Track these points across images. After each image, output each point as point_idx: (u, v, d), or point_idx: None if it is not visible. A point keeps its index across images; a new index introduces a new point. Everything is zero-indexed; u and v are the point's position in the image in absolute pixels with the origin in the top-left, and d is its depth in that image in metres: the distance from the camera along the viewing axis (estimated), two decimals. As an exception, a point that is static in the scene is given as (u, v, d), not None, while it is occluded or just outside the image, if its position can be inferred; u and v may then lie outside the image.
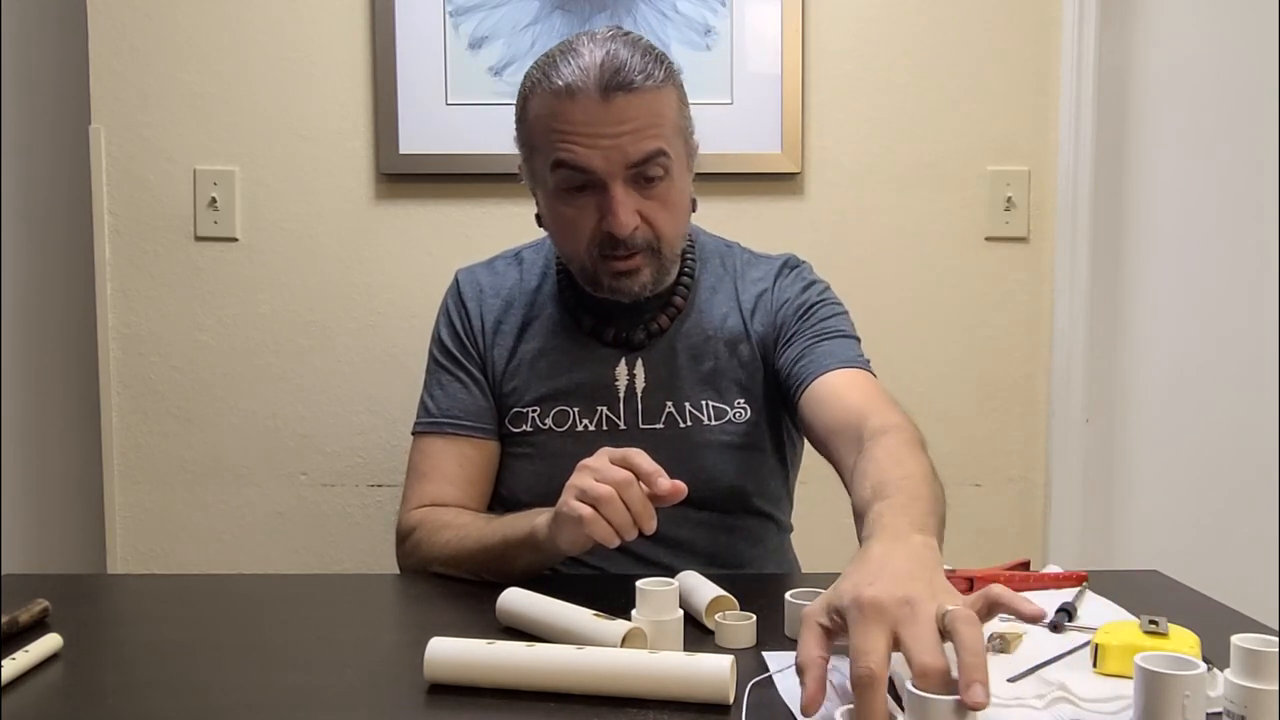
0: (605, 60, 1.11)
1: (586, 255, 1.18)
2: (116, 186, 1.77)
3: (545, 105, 1.14)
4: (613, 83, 1.11)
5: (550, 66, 1.14)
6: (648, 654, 0.82)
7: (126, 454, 1.80)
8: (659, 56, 1.16)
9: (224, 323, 1.79)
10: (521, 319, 1.29)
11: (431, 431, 1.28)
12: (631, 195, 1.14)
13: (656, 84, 1.13)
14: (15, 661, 0.85)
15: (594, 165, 1.13)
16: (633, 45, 1.14)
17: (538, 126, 1.16)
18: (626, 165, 1.13)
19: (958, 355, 1.81)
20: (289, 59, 1.76)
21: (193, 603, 1.09)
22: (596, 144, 1.12)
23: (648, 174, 1.14)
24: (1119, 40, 1.79)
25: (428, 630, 0.86)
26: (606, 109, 1.11)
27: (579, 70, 1.12)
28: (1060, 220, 1.78)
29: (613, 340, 1.25)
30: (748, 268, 1.32)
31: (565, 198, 1.16)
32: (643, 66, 1.12)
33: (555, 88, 1.13)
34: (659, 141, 1.14)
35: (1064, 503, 1.81)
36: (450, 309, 1.32)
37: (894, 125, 1.78)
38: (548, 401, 1.25)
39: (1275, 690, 0.70)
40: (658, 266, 1.19)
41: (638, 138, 1.12)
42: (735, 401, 1.25)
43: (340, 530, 1.81)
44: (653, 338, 1.25)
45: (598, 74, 1.11)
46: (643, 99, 1.12)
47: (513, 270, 1.33)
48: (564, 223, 1.18)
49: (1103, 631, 0.87)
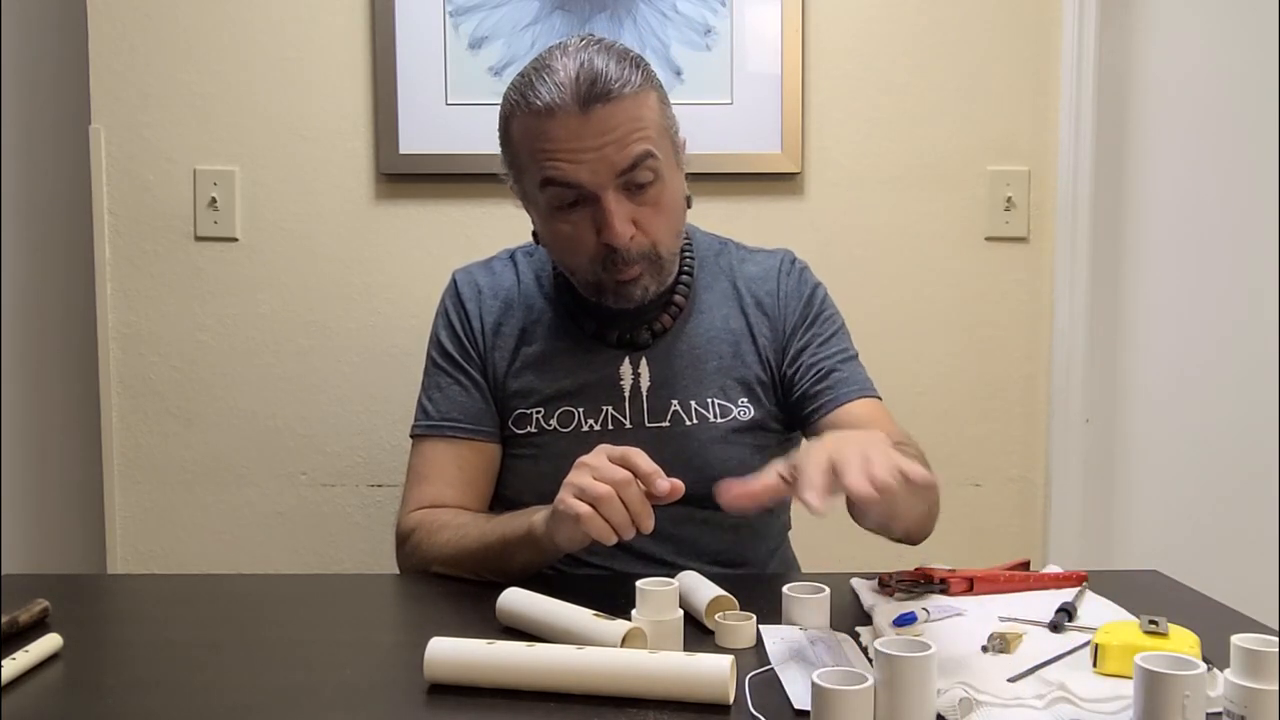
0: (581, 73, 1.11)
1: (589, 270, 1.18)
2: (116, 186, 1.77)
3: (526, 126, 1.14)
4: (590, 95, 1.10)
5: (527, 87, 1.14)
6: (648, 654, 0.83)
7: (126, 454, 1.80)
8: (634, 60, 1.15)
9: (224, 323, 1.79)
10: (521, 321, 1.28)
11: (430, 435, 1.27)
12: (624, 204, 1.14)
13: (635, 89, 1.13)
14: (15, 661, 0.85)
15: (582, 179, 1.12)
16: (606, 52, 1.13)
17: (522, 148, 1.16)
18: (615, 174, 1.13)
19: (958, 355, 1.81)
20: (289, 59, 1.76)
21: (193, 603, 1.09)
22: (581, 158, 1.11)
23: (638, 180, 1.14)
24: (1119, 40, 1.79)
25: (428, 630, 0.86)
26: (587, 122, 1.11)
27: (555, 87, 1.11)
28: (1060, 220, 1.78)
29: (616, 341, 1.25)
30: (743, 264, 1.32)
31: (559, 215, 1.16)
32: (619, 74, 1.12)
33: (535, 108, 1.12)
34: (644, 144, 1.13)
35: (1064, 503, 1.81)
36: (449, 310, 1.32)
37: (894, 125, 1.78)
38: (552, 402, 1.24)
39: (1275, 690, 0.70)
40: (657, 271, 1.19)
41: (622, 145, 1.12)
42: (739, 400, 1.25)
43: (340, 530, 1.81)
44: (656, 337, 1.25)
45: (574, 88, 1.10)
46: (622, 106, 1.12)
47: (509, 272, 1.32)
48: (562, 240, 1.18)
49: (1103, 631, 0.87)
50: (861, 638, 0.93)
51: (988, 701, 0.77)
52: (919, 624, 0.93)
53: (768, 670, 0.86)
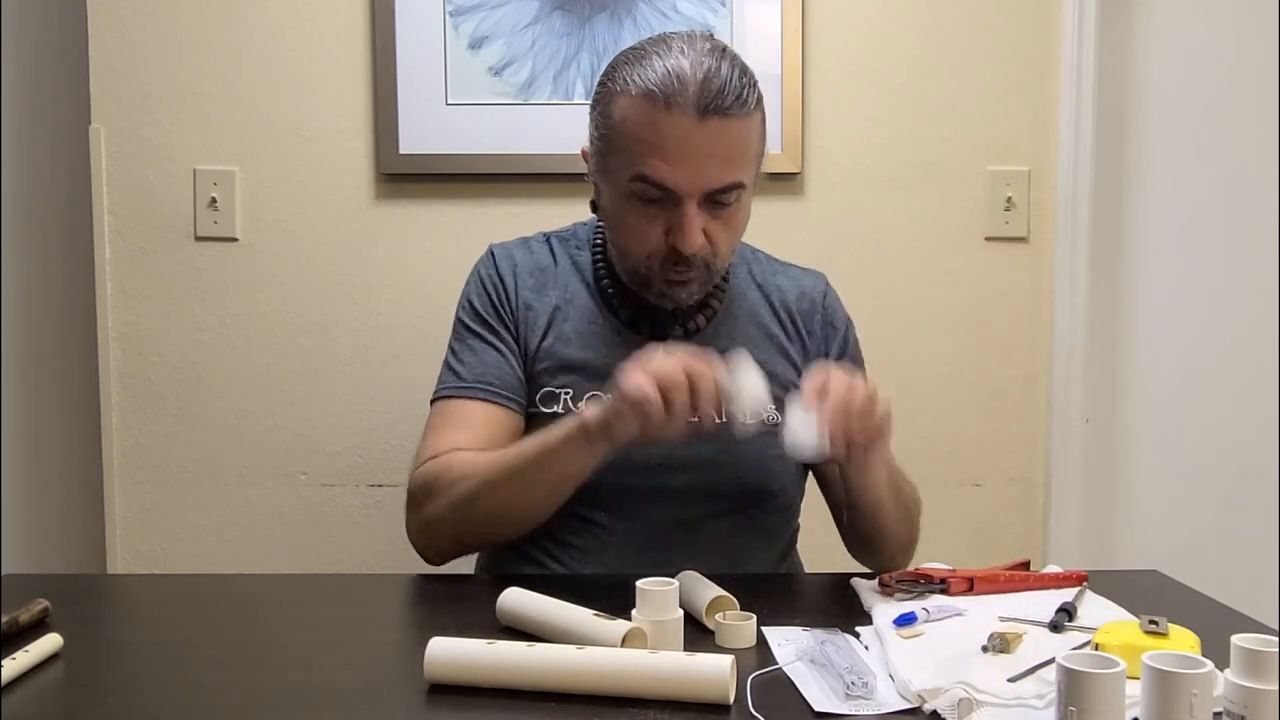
0: (706, 78, 1.10)
1: (646, 262, 1.18)
2: (116, 186, 1.77)
3: (636, 109, 1.12)
4: (711, 105, 1.09)
5: (646, 65, 1.12)
6: (648, 654, 0.83)
7: (126, 454, 1.80)
8: (752, 80, 1.15)
9: (224, 323, 1.79)
10: (556, 299, 1.27)
11: (459, 396, 1.23)
12: (701, 214, 1.14)
13: (749, 111, 1.13)
14: (15, 661, 0.85)
15: (678, 186, 1.12)
16: (731, 64, 1.13)
17: (624, 128, 1.14)
18: (706, 190, 1.13)
19: (958, 355, 1.81)
20: (289, 59, 1.76)
21: (193, 603, 1.09)
22: (684, 164, 1.11)
23: (722, 200, 1.15)
24: (1119, 40, 1.79)
25: (428, 630, 0.87)
26: (701, 129, 1.10)
27: (677, 81, 1.10)
28: (1060, 220, 1.78)
29: (649, 333, 1.25)
30: (776, 277, 1.34)
31: (636, 204, 1.15)
32: (739, 91, 1.11)
33: (651, 93, 1.10)
34: (740, 174, 1.14)
35: (1064, 503, 1.81)
36: (483, 277, 1.30)
37: (894, 125, 1.78)
38: (582, 385, 1.23)
39: (1275, 690, 0.70)
40: (707, 280, 1.20)
41: (722, 167, 1.12)
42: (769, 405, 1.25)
43: (340, 530, 1.81)
44: (690, 335, 1.26)
45: (697, 91, 1.09)
46: (735, 125, 1.12)
47: (545, 251, 1.31)
48: (628, 227, 1.17)
49: (1103, 631, 0.87)
50: (862, 637, 0.93)
51: (988, 701, 0.77)
52: (919, 624, 0.93)
53: (771, 671, 0.86)
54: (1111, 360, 1.84)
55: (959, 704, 0.76)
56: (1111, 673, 0.68)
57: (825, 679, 0.83)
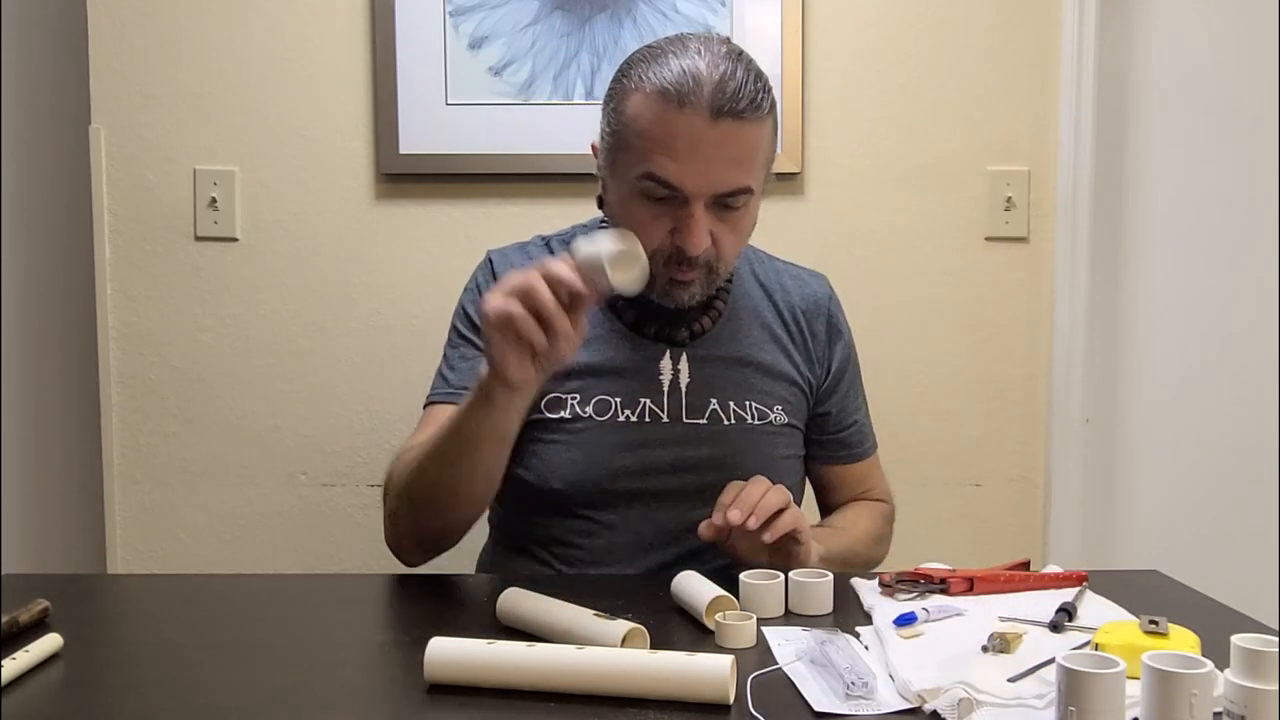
0: (721, 80, 1.09)
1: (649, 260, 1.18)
2: (116, 186, 1.77)
3: (649, 107, 1.12)
4: (725, 106, 1.09)
5: (662, 64, 1.12)
6: (648, 654, 0.83)
7: (126, 454, 1.80)
8: (767, 86, 1.14)
9: (224, 323, 1.79)
10: None
11: (447, 401, 1.23)
12: (708, 217, 1.14)
13: (762, 116, 1.13)
14: (15, 661, 0.85)
15: (685, 186, 1.12)
16: (746, 68, 1.12)
17: (636, 125, 1.13)
18: (714, 192, 1.12)
19: (958, 355, 1.81)
20: (289, 59, 1.76)
21: (193, 603, 1.09)
22: (692, 165, 1.11)
23: (728, 203, 1.14)
24: (1119, 40, 1.79)
25: (428, 630, 0.86)
26: (713, 131, 1.09)
27: (692, 81, 1.09)
28: (1060, 220, 1.78)
29: (654, 336, 1.25)
30: (780, 277, 1.34)
31: (643, 202, 1.15)
32: (753, 95, 1.11)
33: (665, 91, 1.10)
34: (749, 179, 1.14)
35: (1064, 503, 1.81)
36: (481, 284, 1.29)
37: (894, 125, 1.78)
38: (589, 389, 1.23)
39: (1275, 690, 0.70)
40: (710, 282, 1.20)
41: (732, 170, 1.12)
42: (774, 406, 1.26)
43: (340, 530, 1.81)
44: (695, 337, 1.26)
45: (712, 92, 1.09)
46: (747, 129, 1.11)
47: (544, 255, 1.31)
48: (634, 224, 1.16)
49: (1103, 631, 0.87)
50: (862, 637, 0.93)
51: (988, 701, 0.77)
52: (919, 624, 0.93)
53: (771, 670, 0.86)
54: (1111, 360, 1.84)
55: (959, 704, 0.76)
56: (1111, 673, 0.68)
57: (825, 679, 0.83)
